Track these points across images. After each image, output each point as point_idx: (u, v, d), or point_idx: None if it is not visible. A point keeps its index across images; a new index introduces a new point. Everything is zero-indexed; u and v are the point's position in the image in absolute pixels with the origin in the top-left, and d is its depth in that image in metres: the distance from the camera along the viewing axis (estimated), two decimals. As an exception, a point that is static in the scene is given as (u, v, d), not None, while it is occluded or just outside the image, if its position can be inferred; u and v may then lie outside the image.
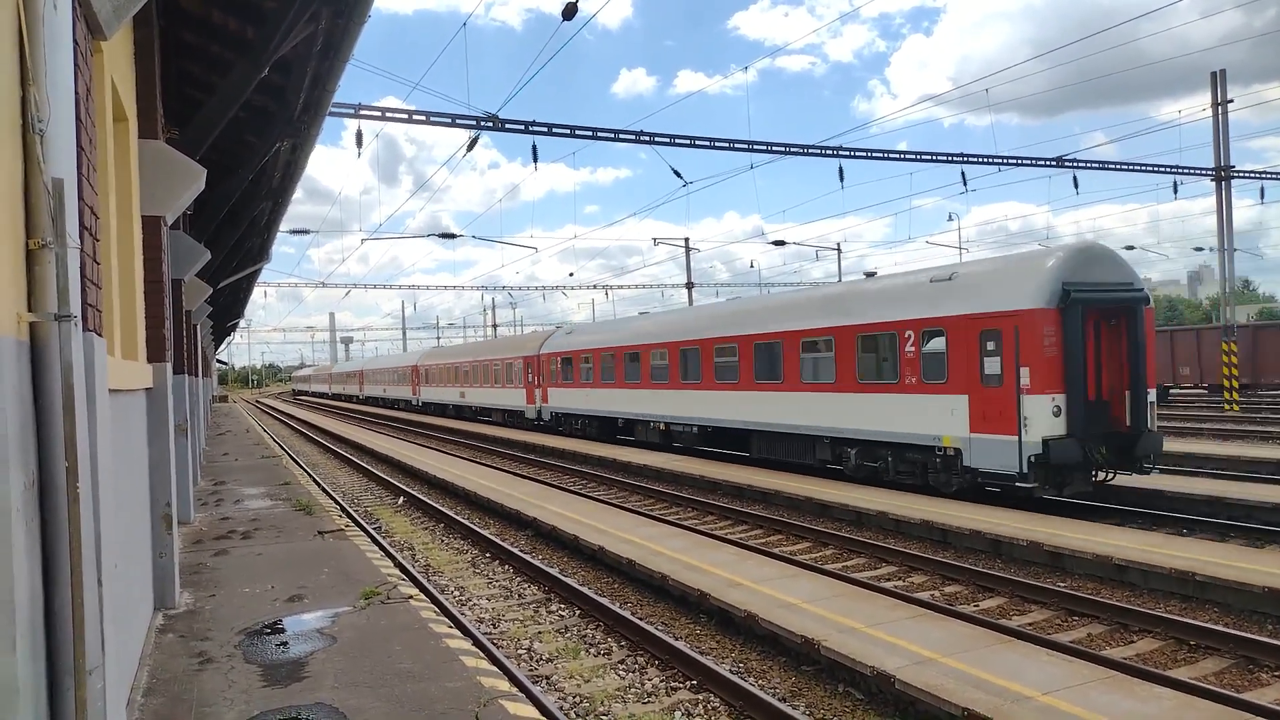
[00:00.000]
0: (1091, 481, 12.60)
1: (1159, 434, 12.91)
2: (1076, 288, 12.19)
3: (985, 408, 12.70)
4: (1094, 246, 13.27)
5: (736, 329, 18.96)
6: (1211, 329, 30.15)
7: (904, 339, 14.19)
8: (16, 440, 2.49)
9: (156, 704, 5.43)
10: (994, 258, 15.39)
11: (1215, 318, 69.06)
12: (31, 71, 2.67)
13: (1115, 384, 12.80)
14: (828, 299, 16.97)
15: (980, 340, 12.82)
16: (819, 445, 16.47)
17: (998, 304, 12.67)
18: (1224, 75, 28.24)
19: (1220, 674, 6.81)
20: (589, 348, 26.23)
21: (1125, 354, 12.77)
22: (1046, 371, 12.10)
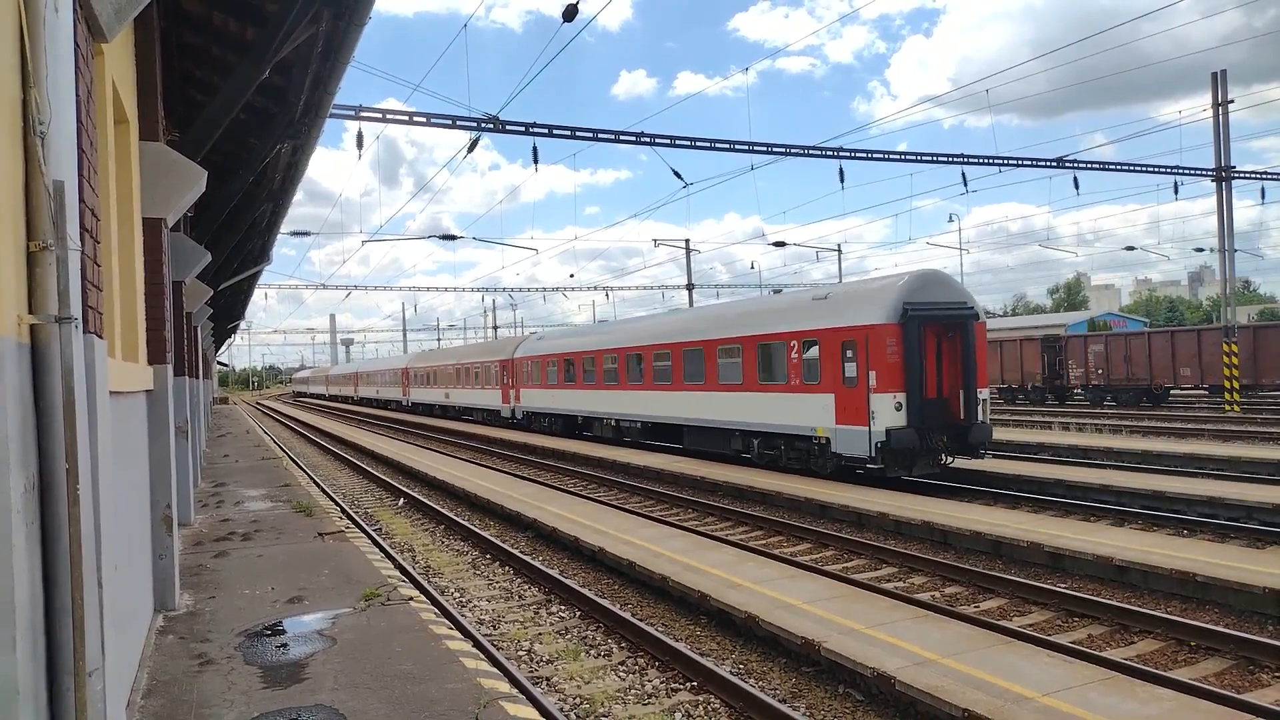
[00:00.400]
0: (939, 464, 15.29)
1: (988, 425, 15.48)
2: (915, 307, 14.87)
3: (846, 404, 15.38)
4: (932, 273, 16.11)
5: (670, 338, 21.80)
6: (1212, 329, 30.15)
7: (790, 348, 17.00)
8: (17, 442, 2.49)
9: (156, 705, 5.43)
10: (858, 281, 18.97)
11: (1216, 318, 68.99)
12: (32, 73, 2.68)
13: (952, 385, 15.32)
14: (739, 313, 20.06)
15: (842, 349, 15.55)
16: (733, 437, 19.05)
17: (855, 319, 15.39)
18: (1224, 76, 28.26)
19: (1221, 675, 6.81)
20: (554, 353, 28.99)
21: (960, 360, 15.33)
22: (890, 374, 14.74)
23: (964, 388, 15.30)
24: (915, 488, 15.24)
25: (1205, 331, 30.30)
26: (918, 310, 14.89)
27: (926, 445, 14.80)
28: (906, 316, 14.76)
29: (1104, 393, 32.61)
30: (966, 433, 15.05)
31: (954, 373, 15.36)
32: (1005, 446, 20.41)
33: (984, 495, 14.69)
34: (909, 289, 15.18)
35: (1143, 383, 31.01)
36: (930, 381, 15.08)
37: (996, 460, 17.47)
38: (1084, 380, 33.06)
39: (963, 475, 15.92)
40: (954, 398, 15.29)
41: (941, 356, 15.28)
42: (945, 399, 15.20)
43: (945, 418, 15.12)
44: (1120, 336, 33.03)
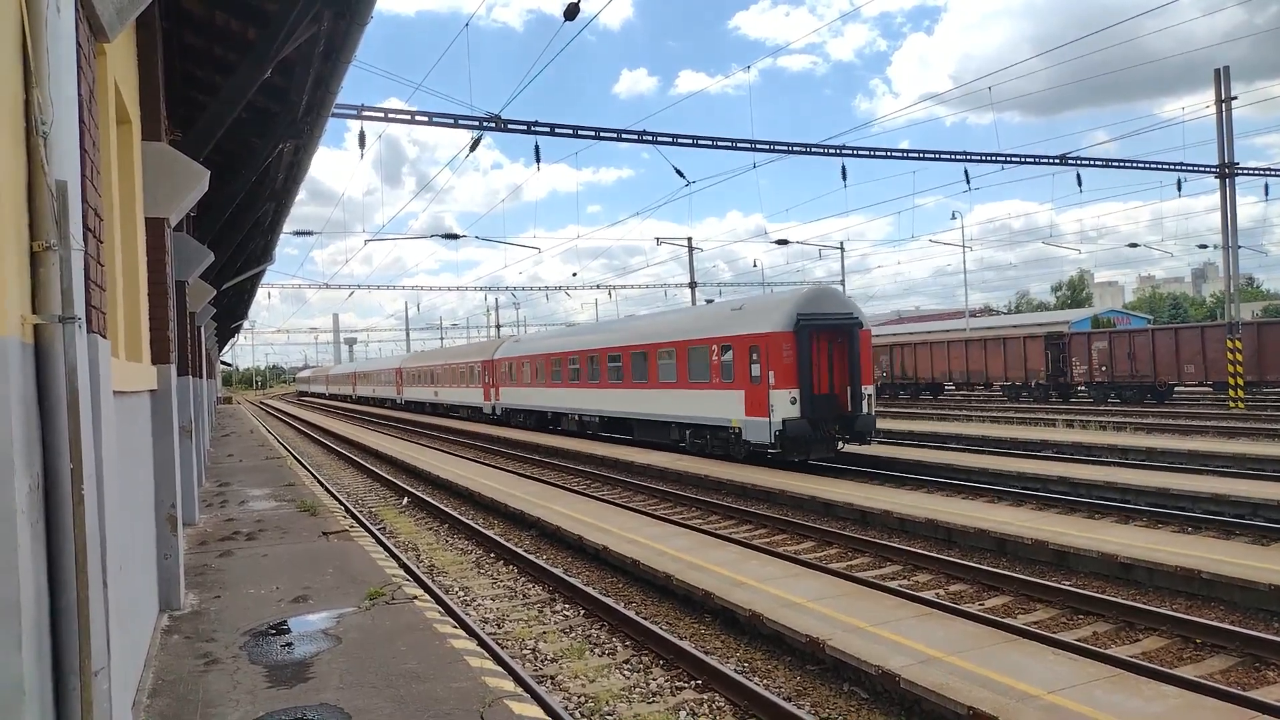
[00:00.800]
0: (834, 449, 17.98)
1: (872, 416, 18.11)
2: (807, 317, 17.55)
3: (752, 399, 17.99)
4: (823, 288, 19.35)
5: (620, 342, 24.46)
6: (1216, 326, 30.07)
7: (712, 351, 19.67)
8: (21, 442, 2.49)
9: (162, 705, 5.44)
10: (765, 295, 22.40)
11: (1220, 315, 68.80)
12: (35, 74, 2.68)
13: (841, 382, 18.02)
14: (674, 321, 22.83)
15: (749, 352, 18.17)
16: (671, 429, 21.62)
17: (759, 328, 18.03)
18: (1227, 72, 28.18)
19: (1226, 672, 6.79)
20: (527, 354, 31.65)
21: (847, 362, 17.98)
22: (785, 374, 17.35)
23: (851, 385, 17.99)
24: (812, 470, 17.73)
25: (1209, 328, 30.22)
26: (809, 320, 17.59)
27: (819, 434, 17.48)
28: (799, 325, 17.46)
29: (1108, 390, 32.55)
30: (853, 422, 17.73)
31: (842, 372, 18.05)
32: (1011, 444, 20.39)
33: (870, 476, 16.93)
34: (802, 302, 18.01)
35: (1147, 380, 30.95)
36: (822, 379, 17.83)
37: (898, 448, 20.45)
38: (1088, 378, 33.01)
39: (864, 460, 18.43)
40: (843, 394, 18.01)
41: (832, 358, 18.02)
42: (835, 395, 17.95)
43: (835, 410, 17.80)
44: (1124, 334, 32.96)
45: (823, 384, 17.75)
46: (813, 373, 17.48)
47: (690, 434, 20.72)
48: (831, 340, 17.94)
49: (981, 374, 37.45)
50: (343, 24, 7.65)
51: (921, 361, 40.20)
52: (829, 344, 17.90)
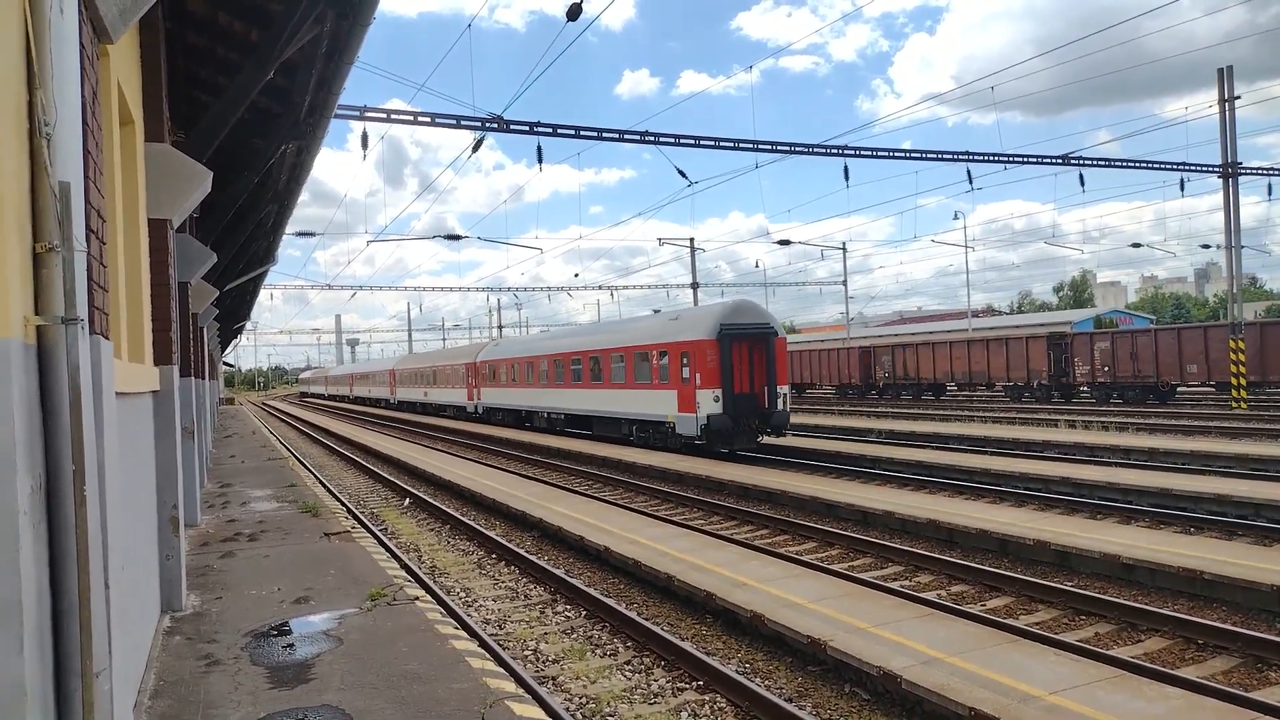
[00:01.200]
0: (755, 441, 20.70)
1: (787, 412, 20.73)
2: (728, 327, 20.26)
3: (683, 397, 20.76)
4: (744, 302, 22.40)
5: (581, 347, 27.21)
6: (1219, 326, 30.01)
7: (653, 356, 22.39)
8: (24, 443, 2.50)
9: (164, 706, 5.45)
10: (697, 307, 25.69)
11: (1222, 315, 68.72)
12: (38, 75, 2.68)
13: (759, 383, 20.54)
14: (624, 329, 25.92)
15: (681, 357, 20.94)
16: (622, 424, 24.38)
17: (689, 336, 20.86)
18: (1231, 71, 28.12)
19: (1229, 673, 6.78)
20: (504, 358, 34.48)
21: (764, 365, 20.51)
22: (710, 376, 20.06)
23: (768, 385, 20.52)
24: (738, 459, 19.97)
25: (1212, 328, 30.16)
26: (730, 329, 20.27)
27: (740, 428, 20.15)
28: (721, 334, 20.15)
29: (1110, 390, 32.51)
30: (770, 418, 20.38)
31: (760, 374, 20.55)
32: (1014, 445, 20.36)
33: (782, 464, 19.14)
34: (725, 314, 20.77)
35: (1149, 380, 30.91)
36: (743, 380, 20.34)
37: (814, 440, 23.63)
38: (1090, 378, 32.97)
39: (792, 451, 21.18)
40: (761, 393, 20.52)
41: (751, 362, 20.53)
42: (754, 394, 20.46)
43: (754, 407, 20.38)
44: (1127, 334, 32.90)
45: (743, 384, 20.37)
46: (734, 375, 20.16)
47: (636, 429, 23.61)
48: (751, 347, 20.55)
49: (984, 374, 37.41)
50: (345, 24, 7.66)
51: (924, 362, 40.15)
52: (749, 350, 20.54)
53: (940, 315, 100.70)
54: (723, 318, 20.50)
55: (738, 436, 20.20)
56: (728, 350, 20.06)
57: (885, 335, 76.83)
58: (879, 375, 43.10)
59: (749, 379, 20.41)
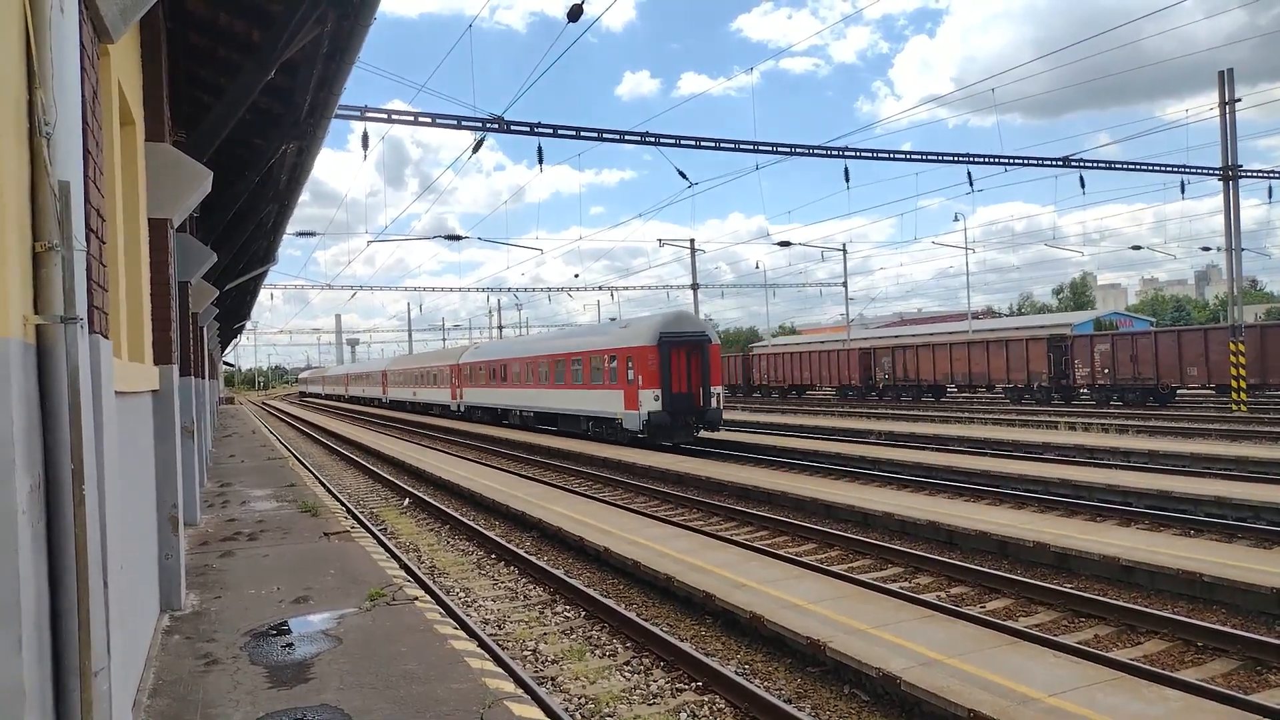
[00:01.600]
0: (693, 436, 23.36)
1: (719, 410, 23.39)
2: (667, 335, 22.95)
3: (628, 396, 23.37)
4: (682, 313, 25.53)
5: (547, 351, 30.04)
6: (1219, 329, 30.00)
7: (605, 360, 24.90)
8: (22, 443, 2.50)
9: (162, 705, 5.44)
10: (642, 317, 26.89)
11: (1223, 317, 68.69)
12: (38, 74, 2.68)
13: (696, 385, 23.15)
14: (582, 335, 29.14)
15: (627, 361, 23.60)
16: (581, 420, 26.90)
17: (634, 342, 23.55)
18: (1231, 74, 28.11)
19: (1228, 675, 6.78)
20: (483, 360, 37.42)
21: (699, 369, 23.16)
22: (651, 377, 22.67)
23: (702, 387, 23.15)
24: (679, 451, 22.75)
25: (1212, 331, 30.15)
26: (669, 337, 22.96)
27: (678, 423, 22.75)
28: (661, 340, 22.79)
29: (1110, 392, 32.50)
30: (704, 414, 23.08)
31: (696, 377, 23.14)
32: (1013, 447, 20.38)
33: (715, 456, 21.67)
34: (664, 323, 23.56)
35: (1149, 382, 30.90)
36: (680, 382, 22.94)
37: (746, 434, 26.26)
38: (1090, 380, 32.95)
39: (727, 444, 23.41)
40: (696, 393, 23.11)
41: (689, 366, 23.11)
42: (691, 394, 23.05)
43: (690, 406, 23.00)
44: (1127, 336, 32.89)
45: (680, 386, 22.93)
46: (672, 377, 22.72)
47: (592, 425, 26.30)
48: (688, 352, 23.16)
49: (984, 376, 37.40)
50: (346, 25, 7.67)
51: (924, 363, 40.15)
52: (686, 355, 23.12)
53: (940, 317, 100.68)
54: (662, 326, 23.26)
55: (676, 431, 22.81)
56: (667, 355, 22.75)
57: (885, 337, 76.82)
58: (879, 377, 43.10)
59: (686, 381, 23.07)
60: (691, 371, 23.05)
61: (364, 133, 18.00)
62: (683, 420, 22.82)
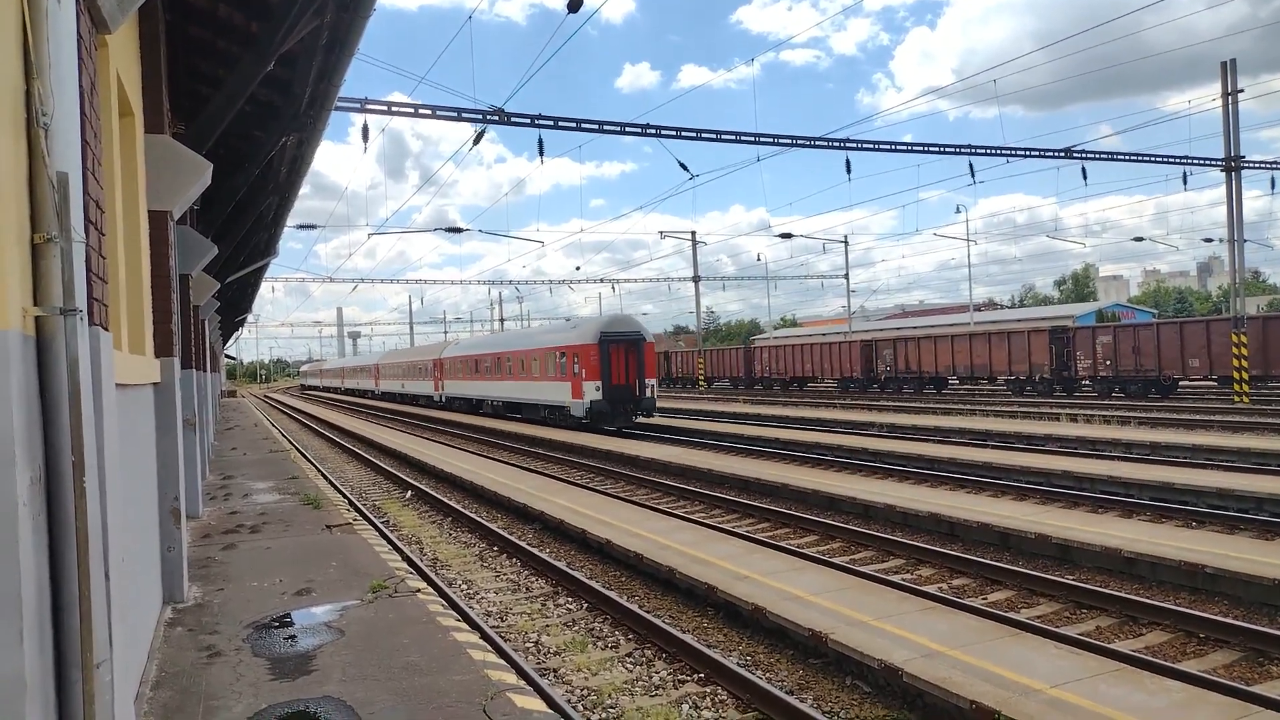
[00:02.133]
0: (630, 422, 26.73)
1: (653, 399, 26.96)
2: (607, 334, 26.46)
3: (574, 388, 26.99)
4: (621, 315, 29.87)
5: (512, 347, 33.71)
6: (1221, 320, 29.95)
7: (555, 355, 28.51)
8: (23, 435, 2.49)
9: (165, 697, 5.45)
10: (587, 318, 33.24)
11: (1225, 309, 68.61)
12: (35, 65, 2.66)
13: (632, 377, 26.59)
14: (541, 333, 33.85)
15: (573, 356, 27.18)
16: (539, 409, 30.50)
17: (579, 341, 27.11)
18: (1234, 65, 28.00)
19: (1230, 666, 6.78)
20: (461, 355, 41.09)
21: (635, 364, 26.59)
22: (592, 371, 26.19)
23: (638, 379, 26.64)
24: (621, 435, 25.74)
25: (1214, 322, 30.10)
26: (609, 335, 26.47)
27: (616, 411, 26.19)
28: (601, 339, 26.33)
29: (1112, 384, 32.47)
30: (640, 403, 26.59)
31: (633, 370, 26.59)
32: (1015, 438, 20.37)
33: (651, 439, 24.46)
34: (605, 323, 27.30)
35: (1151, 374, 30.86)
36: (619, 375, 26.36)
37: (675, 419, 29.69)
38: (1092, 372, 32.92)
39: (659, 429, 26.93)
40: (633, 385, 26.59)
41: (626, 361, 26.56)
42: (629, 385, 26.54)
43: (628, 395, 26.44)
44: (1129, 328, 32.84)
45: (619, 378, 26.33)
46: (611, 370, 26.16)
47: (547, 412, 29.89)
48: (626, 349, 26.61)
49: (985, 368, 37.36)
50: (345, 16, 7.64)
51: (925, 356, 40.12)
52: (624, 351, 26.56)
53: (942, 309, 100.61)
54: (603, 327, 26.89)
55: (615, 417, 26.34)
56: (607, 352, 26.21)
57: (887, 329, 76.78)
58: (880, 369, 43.06)
59: (624, 374, 26.49)
60: (629, 366, 26.53)
61: (364, 125, 17.99)
62: (621, 408, 26.29)
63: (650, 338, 27.82)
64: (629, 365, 26.44)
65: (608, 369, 25.97)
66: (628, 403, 26.34)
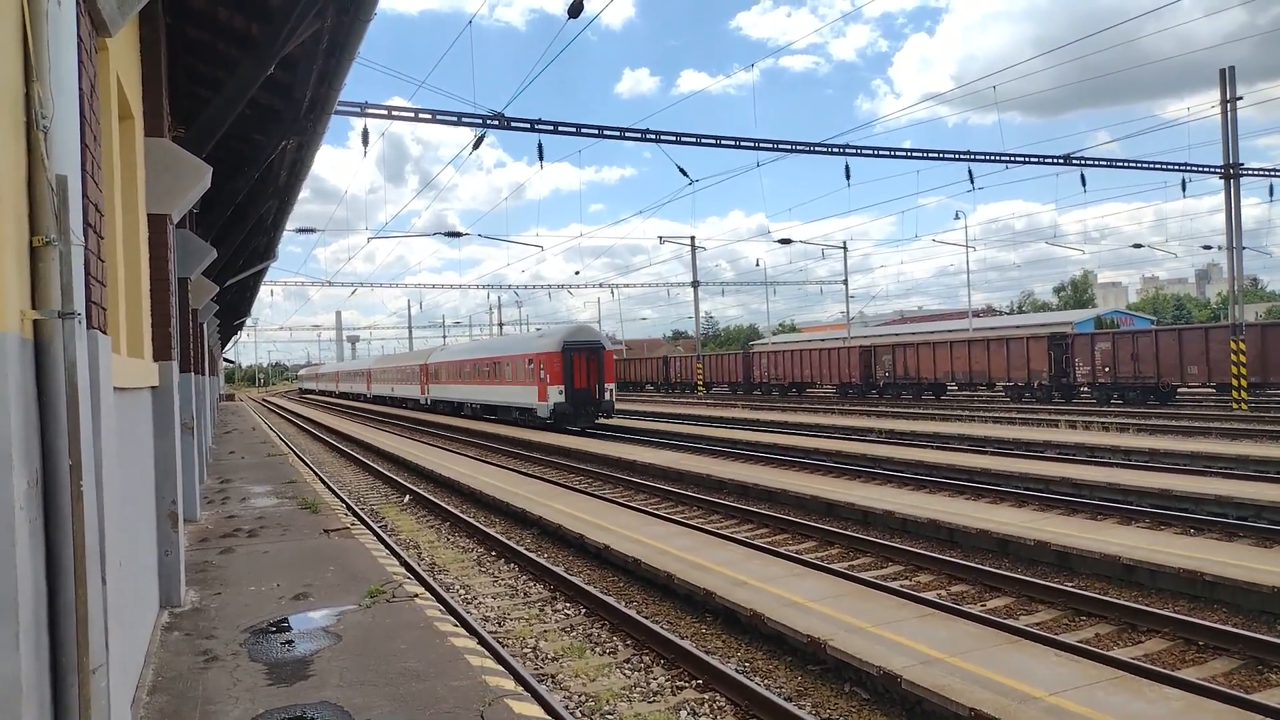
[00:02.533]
0: (592, 423, 29.49)
1: (612, 401, 29.71)
2: (569, 343, 29.09)
3: (540, 391, 29.59)
4: (583, 325, 32.30)
5: (488, 353, 36.85)
6: (1220, 328, 29.97)
7: (524, 361, 31.36)
8: (20, 438, 2.48)
9: (161, 702, 5.43)
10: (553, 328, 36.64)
11: (1223, 316, 68.65)
12: (35, 68, 2.66)
13: (593, 382, 29.23)
14: (512, 341, 37.15)
15: (539, 363, 29.80)
16: (511, 410, 33.14)
17: (544, 349, 29.83)
18: (1233, 72, 28.06)
19: (1229, 674, 6.76)
20: (444, 361, 44.62)
21: (595, 370, 29.25)
22: (556, 376, 28.88)
23: (598, 383, 29.36)
24: (584, 434, 28.26)
25: (1213, 329, 30.12)
26: (571, 344, 29.25)
27: (578, 412, 28.94)
28: (564, 347, 29.02)
29: (1111, 391, 32.49)
30: (600, 405, 29.32)
31: (594, 376, 29.28)
32: (1014, 445, 20.36)
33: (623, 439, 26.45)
34: (568, 333, 30.08)
35: (1150, 381, 30.88)
36: (580, 380, 29.07)
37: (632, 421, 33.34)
38: (1091, 378, 32.94)
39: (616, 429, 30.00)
40: (593, 388, 29.26)
41: (587, 367, 29.25)
42: (589, 389, 29.20)
43: (589, 399, 29.15)
44: (1127, 334, 32.87)
45: (580, 383, 29.04)
46: (573, 376, 28.89)
47: (517, 413, 32.46)
48: (587, 357, 29.28)
49: (984, 374, 37.38)
50: (346, 20, 7.64)
51: (924, 362, 40.13)
52: (585, 359, 29.22)
53: (941, 315, 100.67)
54: (566, 336, 29.70)
55: (577, 418, 29.00)
56: (569, 359, 28.90)
57: (886, 335, 76.77)
58: (879, 375, 43.07)
59: (585, 379, 29.13)
60: (590, 372, 29.23)
61: (364, 129, 18.02)
62: (583, 409, 29.03)
63: (610, 346, 30.86)
64: (590, 371, 29.24)
65: (570, 374, 28.83)
66: (589, 405, 29.11)
